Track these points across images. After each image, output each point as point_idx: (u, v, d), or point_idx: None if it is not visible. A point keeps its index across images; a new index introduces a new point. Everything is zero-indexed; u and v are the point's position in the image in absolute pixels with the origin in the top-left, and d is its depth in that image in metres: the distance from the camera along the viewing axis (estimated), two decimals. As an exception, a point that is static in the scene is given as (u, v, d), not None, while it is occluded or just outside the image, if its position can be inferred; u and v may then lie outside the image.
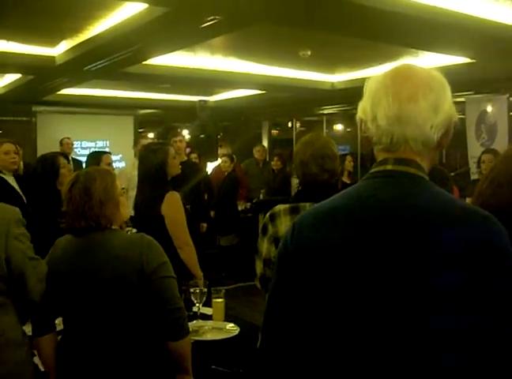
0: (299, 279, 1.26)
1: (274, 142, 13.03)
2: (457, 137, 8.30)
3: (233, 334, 2.86)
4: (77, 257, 2.21)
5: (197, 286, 3.05)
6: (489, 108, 7.96)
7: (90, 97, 10.18)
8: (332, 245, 1.22)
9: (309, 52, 6.60)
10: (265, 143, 12.24)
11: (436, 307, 1.08)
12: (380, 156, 1.28)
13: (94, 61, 6.44)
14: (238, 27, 5.10)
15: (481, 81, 7.83)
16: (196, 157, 7.85)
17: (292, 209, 2.57)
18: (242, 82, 8.41)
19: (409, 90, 1.22)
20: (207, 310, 3.12)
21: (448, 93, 1.25)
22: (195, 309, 3.02)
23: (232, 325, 2.97)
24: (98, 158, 5.32)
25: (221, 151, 9.68)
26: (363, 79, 1.32)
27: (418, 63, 1.32)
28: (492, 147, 7.16)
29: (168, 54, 6.45)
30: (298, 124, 12.51)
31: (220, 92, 10.51)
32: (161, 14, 4.49)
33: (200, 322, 2.97)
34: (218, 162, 9.24)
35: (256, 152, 9.56)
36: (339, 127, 12.87)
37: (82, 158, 8.16)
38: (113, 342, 2.16)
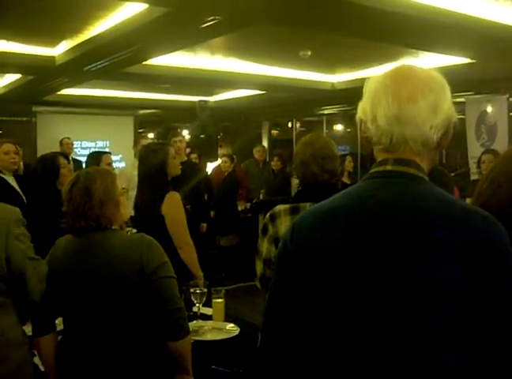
0: (299, 279, 1.26)
1: (274, 142, 13.02)
2: (457, 138, 8.32)
3: (233, 334, 2.86)
4: (78, 257, 2.21)
5: (197, 286, 3.05)
6: (489, 108, 7.96)
7: (90, 97, 10.17)
8: (332, 245, 1.22)
9: (309, 52, 6.60)
10: (265, 143, 12.23)
11: (436, 305, 1.09)
12: (380, 157, 1.28)
13: (94, 61, 6.44)
14: (238, 27, 5.10)
15: (481, 82, 7.82)
16: (196, 157, 7.85)
17: (292, 209, 2.57)
18: (242, 82, 8.41)
19: (409, 90, 1.22)
20: (207, 310, 3.11)
21: (447, 94, 1.26)
22: (195, 309, 3.02)
23: (232, 325, 2.97)
24: (98, 158, 5.33)
25: (221, 151, 9.68)
26: (364, 79, 1.32)
27: (418, 63, 1.32)
28: (492, 147, 7.16)
29: (168, 55, 6.45)
30: (298, 124, 12.50)
31: (220, 92, 10.51)
32: (161, 14, 4.49)
33: (200, 322, 2.97)
34: (218, 162, 9.24)
35: (256, 153, 9.55)
36: (339, 127, 12.86)
37: (82, 158, 8.16)
38: (113, 342, 2.16)
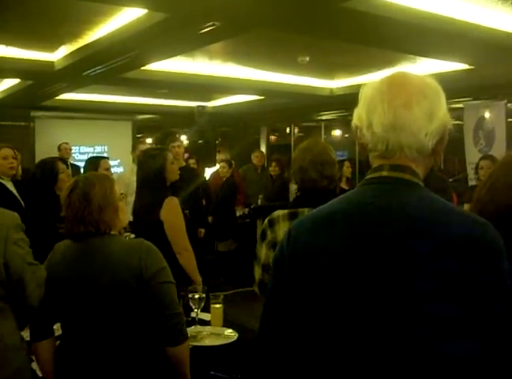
0: (296, 284, 1.27)
1: (272, 148, 13.02)
2: (455, 143, 8.29)
3: (231, 340, 2.85)
4: (76, 262, 2.21)
5: (195, 291, 3.04)
6: (487, 114, 7.97)
7: (88, 102, 10.18)
8: (330, 250, 1.23)
9: (307, 58, 6.62)
10: (264, 148, 12.22)
11: (431, 315, 1.10)
12: (375, 163, 1.29)
13: (93, 66, 6.45)
14: (236, 33, 5.11)
15: (479, 87, 7.84)
16: (194, 162, 7.85)
17: (291, 215, 2.57)
18: (240, 88, 8.43)
19: (404, 98, 1.23)
20: (205, 316, 3.11)
21: (443, 100, 1.26)
22: (193, 314, 3.01)
23: (231, 331, 2.96)
24: (96, 163, 5.31)
25: (219, 156, 9.69)
26: (362, 85, 1.33)
27: (416, 69, 1.33)
28: (490, 153, 7.16)
29: (167, 60, 6.47)
30: (296, 130, 12.51)
31: (219, 98, 10.52)
32: (160, 20, 4.50)
33: (198, 328, 2.96)
34: (216, 167, 9.25)
35: (254, 158, 9.53)
36: (337, 133, 12.88)
37: (80, 163, 8.16)
38: (111, 347, 2.15)
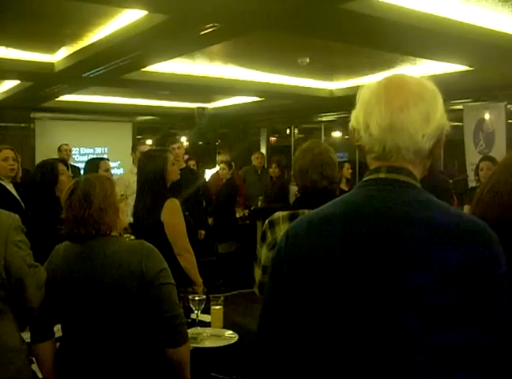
0: (293, 285, 1.27)
1: (272, 149, 13.03)
2: (455, 145, 8.28)
3: (232, 341, 2.85)
4: (77, 264, 2.21)
5: (195, 293, 3.04)
6: (487, 116, 7.98)
7: (89, 104, 10.19)
8: (328, 252, 1.23)
9: (307, 59, 6.62)
10: (264, 150, 12.23)
11: (428, 323, 1.10)
12: (373, 165, 1.30)
13: (93, 67, 6.45)
14: (237, 34, 5.11)
15: (479, 89, 7.85)
16: (194, 164, 7.85)
17: (291, 216, 2.57)
18: (240, 89, 8.43)
19: (401, 100, 1.23)
20: (205, 317, 3.10)
21: (440, 102, 1.27)
22: (193, 316, 3.01)
23: (231, 332, 2.96)
24: (96, 164, 5.32)
25: (219, 158, 9.68)
26: (360, 87, 1.34)
27: (416, 71, 1.33)
28: (490, 154, 7.17)
29: (167, 61, 6.47)
30: (296, 131, 12.52)
31: (219, 99, 10.52)
32: (160, 21, 4.51)
33: (198, 329, 2.96)
34: (216, 169, 9.25)
35: (254, 159, 9.53)
36: (337, 134, 12.87)
37: (81, 165, 8.16)
38: (112, 349, 2.15)
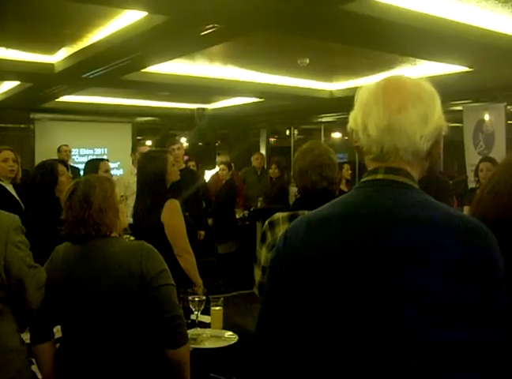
0: (292, 286, 1.28)
1: (272, 150, 13.03)
2: (455, 146, 8.27)
3: (232, 342, 2.85)
4: (77, 265, 2.21)
5: (195, 293, 3.04)
6: (487, 117, 7.98)
7: (88, 104, 10.18)
8: (326, 252, 1.23)
9: (307, 60, 6.62)
10: (263, 151, 12.23)
11: (426, 320, 1.10)
12: (371, 166, 1.30)
13: (93, 68, 6.45)
14: (237, 35, 5.11)
15: (479, 90, 7.85)
16: (194, 165, 7.85)
17: (291, 217, 2.57)
18: (240, 90, 8.43)
19: (399, 101, 1.24)
20: (205, 318, 3.10)
21: (438, 104, 1.27)
22: (193, 317, 3.01)
23: (231, 333, 2.96)
24: (96, 165, 5.34)
25: (219, 159, 9.69)
26: (358, 88, 1.34)
27: (416, 71, 1.33)
28: (490, 155, 7.17)
29: (167, 62, 6.47)
30: (296, 132, 12.52)
31: (219, 100, 10.53)
32: (160, 22, 4.51)
33: (198, 330, 2.96)
34: (216, 170, 9.24)
35: (254, 160, 9.52)
36: (337, 135, 12.88)
37: (80, 165, 8.16)
38: (112, 350, 2.15)
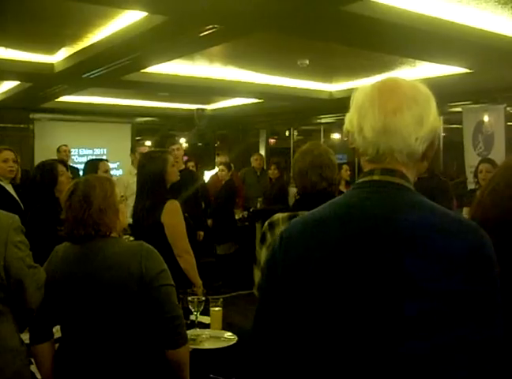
0: (287, 287, 1.28)
1: (272, 151, 13.03)
2: (454, 147, 8.26)
3: (231, 343, 2.85)
4: (76, 265, 2.20)
5: (195, 294, 3.04)
6: (486, 118, 7.99)
7: (88, 105, 10.19)
8: (322, 253, 1.23)
9: (307, 61, 6.63)
10: (263, 152, 12.23)
11: (422, 316, 1.11)
12: (367, 167, 1.31)
13: (93, 68, 6.45)
14: (236, 36, 5.12)
15: (478, 91, 7.86)
16: (193, 165, 7.84)
17: (291, 218, 2.56)
18: (240, 91, 8.43)
19: (395, 103, 1.24)
20: (204, 319, 3.10)
21: (433, 106, 1.28)
22: (193, 317, 3.01)
23: (230, 334, 2.95)
24: (95, 165, 5.35)
25: (219, 159, 9.69)
26: (354, 89, 1.35)
27: (416, 73, 1.34)
28: (489, 157, 7.17)
29: (167, 63, 6.47)
30: (295, 133, 12.53)
31: (218, 101, 10.53)
32: (160, 23, 4.51)
33: (198, 331, 2.95)
34: (215, 170, 9.24)
35: (254, 161, 9.51)
36: (336, 136, 12.89)
37: (80, 165, 8.16)
38: (111, 350, 2.15)
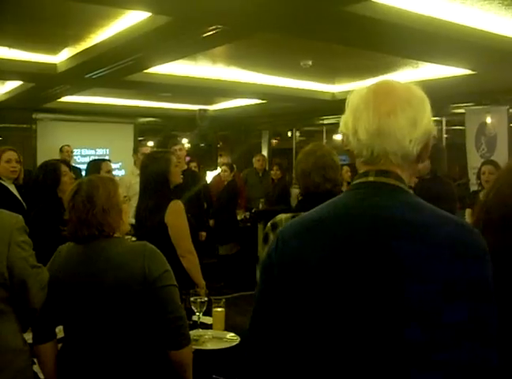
0: (284, 288, 1.29)
1: (274, 152, 13.02)
2: (457, 148, 8.26)
3: (233, 343, 2.84)
4: (79, 265, 2.20)
5: (197, 295, 3.03)
6: (489, 120, 7.98)
7: (91, 105, 10.20)
8: (318, 254, 1.24)
9: (310, 62, 6.63)
10: (265, 152, 12.23)
11: (417, 318, 1.13)
12: (362, 169, 1.32)
13: (95, 69, 6.46)
14: (239, 36, 5.12)
15: (481, 93, 7.85)
16: (195, 166, 7.85)
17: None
18: (242, 91, 8.44)
19: (389, 105, 1.26)
20: (207, 319, 3.10)
21: (427, 108, 1.29)
22: (195, 318, 3.01)
23: (233, 335, 2.95)
24: (98, 165, 5.34)
25: (221, 160, 9.69)
26: (349, 92, 1.36)
27: (418, 74, 1.35)
28: (492, 158, 7.16)
29: (170, 63, 6.48)
30: (298, 134, 12.52)
31: (221, 101, 10.54)
32: (163, 23, 4.52)
33: (200, 331, 2.95)
34: (218, 171, 9.25)
35: (256, 162, 9.51)
36: (338, 137, 12.87)
37: (82, 166, 8.16)
38: (114, 350, 2.15)
